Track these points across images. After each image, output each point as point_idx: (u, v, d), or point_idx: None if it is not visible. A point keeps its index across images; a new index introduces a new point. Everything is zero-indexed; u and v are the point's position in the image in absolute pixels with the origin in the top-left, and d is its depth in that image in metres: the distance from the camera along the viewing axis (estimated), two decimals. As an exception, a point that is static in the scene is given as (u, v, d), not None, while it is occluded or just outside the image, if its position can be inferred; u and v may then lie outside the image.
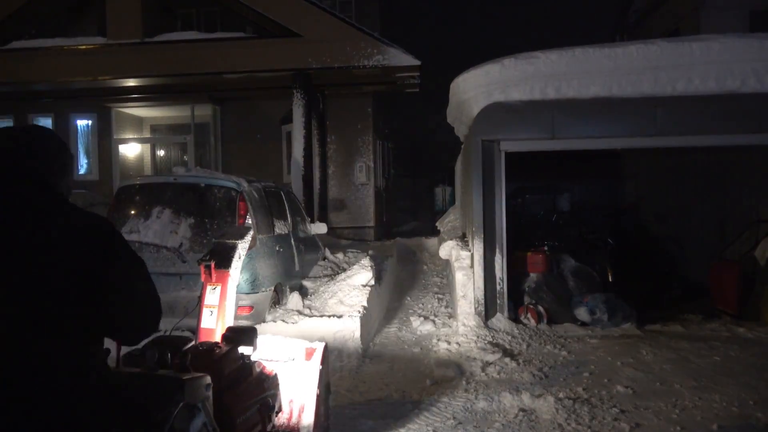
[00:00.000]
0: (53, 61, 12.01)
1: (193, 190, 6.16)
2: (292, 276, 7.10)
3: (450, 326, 6.74)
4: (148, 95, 13.78)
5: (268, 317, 6.03)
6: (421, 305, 8.08)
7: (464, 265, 6.87)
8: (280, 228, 6.86)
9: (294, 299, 6.58)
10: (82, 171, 14.99)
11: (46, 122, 14.89)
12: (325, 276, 7.88)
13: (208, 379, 2.26)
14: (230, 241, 3.16)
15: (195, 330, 3.10)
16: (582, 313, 6.84)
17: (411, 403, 4.43)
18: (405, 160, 22.42)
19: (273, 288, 6.29)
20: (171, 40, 11.94)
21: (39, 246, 1.62)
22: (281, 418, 3.15)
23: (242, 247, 3.18)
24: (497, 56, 6.75)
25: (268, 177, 8.90)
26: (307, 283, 7.56)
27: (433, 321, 6.95)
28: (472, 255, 6.84)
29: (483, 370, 5.17)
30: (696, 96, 6.38)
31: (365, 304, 6.40)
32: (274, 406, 2.95)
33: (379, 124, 15.77)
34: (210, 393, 2.27)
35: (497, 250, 6.75)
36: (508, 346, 5.85)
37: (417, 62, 11.33)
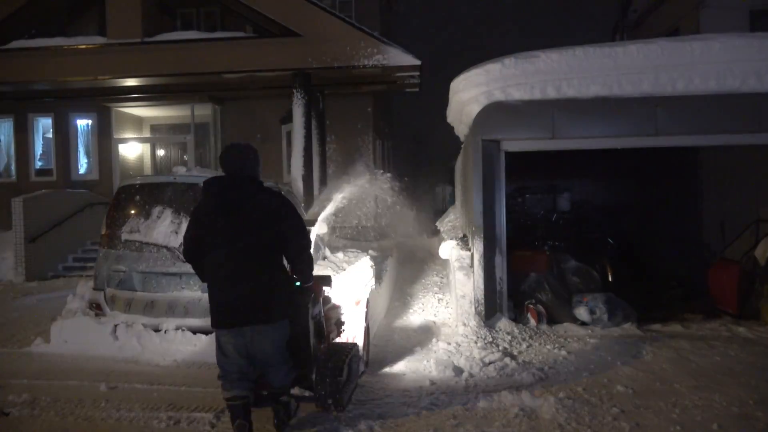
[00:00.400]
0: (53, 61, 12.00)
1: (193, 189, 6.16)
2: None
3: (450, 326, 6.74)
4: (148, 95, 13.77)
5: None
6: (420, 305, 8.09)
7: (464, 264, 6.87)
8: (280, 228, 6.83)
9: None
10: (82, 171, 14.99)
11: (46, 122, 14.89)
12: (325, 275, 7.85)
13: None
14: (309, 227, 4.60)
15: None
16: (582, 312, 6.84)
17: (411, 403, 4.43)
18: (405, 159, 22.41)
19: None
20: (171, 39, 11.93)
21: (252, 208, 3.57)
22: (343, 338, 4.72)
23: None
24: (497, 55, 6.75)
25: (268, 177, 8.89)
26: (307, 283, 7.53)
27: (433, 321, 6.95)
28: (472, 255, 6.84)
29: (483, 369, 5.17)
30: (696, 96, 6.38)
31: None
32: (343, 323, 4.72)
33: (379, 124, 15.77)
34: (321, 299, 4.13)
35: (497, 250, 6.74)
36: (508, 346, 5.85)
37: (417, 62, 11.33)
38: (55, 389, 4.86)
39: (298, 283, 3.71)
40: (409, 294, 8.70)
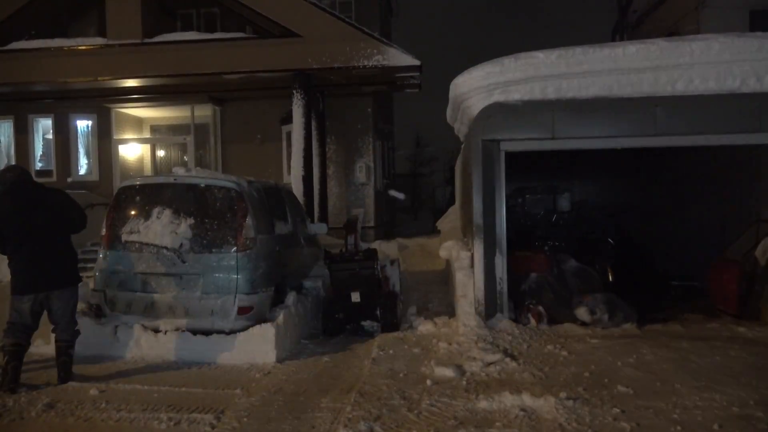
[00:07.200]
0: (53, 61, 12.01)
1: (193, 190, 6.15)
2: (292, 276, 7.10)
3: (450, 326, 6.73)
4: (148, 96, 13.78)
5: (268, 316, 6.03)
6: (421, 305, 8.08)
7: (464, 265, 6.87)
8: (280, 228, 6.85)
9: (292, 299, 6.57)
10: (82, 171, 14.99)
11: (46, 122, 14.89)
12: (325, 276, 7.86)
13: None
14: (353, 215, 6.95)
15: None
16: (582, 313, 6.83)
17: (411, 404, 4.43)
18: (405, 160, 22.42)
19: (273, 288, 6.28)
20: (171, 40, 11.94)
21: None
22: (385, 288, 7.33)
23: (360, 217, 6.74)
24: (497, 55, 6.75)
25: (268, 177, 8.92)
26: (307, 283, 7.56)
27: (433, 321, 6.94)
28: (472, 255, 6.84)
29: (483, 370, 5.17)
30: (696, 96, 6.37)
31: (365, 304, 6.46)
32: (386, 277, 7.48)
33: (379, 124, 15.76)
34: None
35: (497, 250, 6.74)
36: (508, 346, 5.85)
37: (417, 62, 11.34)
38: (55, 390, 4.86)
39: None
40: (409, 294, 8.73)
